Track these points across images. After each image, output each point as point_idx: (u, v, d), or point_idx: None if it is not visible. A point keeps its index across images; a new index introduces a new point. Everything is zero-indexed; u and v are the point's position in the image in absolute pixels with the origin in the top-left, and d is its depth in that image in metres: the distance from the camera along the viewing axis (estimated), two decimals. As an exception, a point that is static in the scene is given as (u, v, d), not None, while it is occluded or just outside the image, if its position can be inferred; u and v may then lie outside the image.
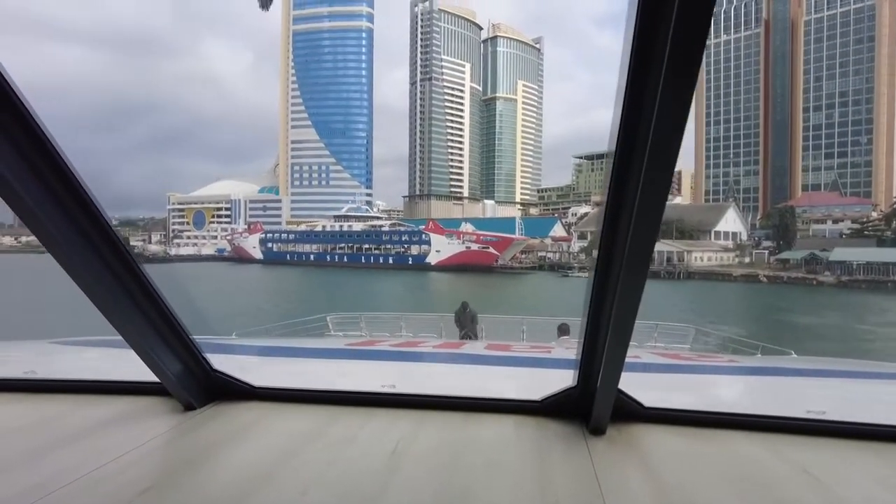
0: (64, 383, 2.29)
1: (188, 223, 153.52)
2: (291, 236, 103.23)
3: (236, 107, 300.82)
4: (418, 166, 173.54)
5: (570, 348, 5.04)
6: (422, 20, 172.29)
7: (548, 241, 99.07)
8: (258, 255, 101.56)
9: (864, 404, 2.64)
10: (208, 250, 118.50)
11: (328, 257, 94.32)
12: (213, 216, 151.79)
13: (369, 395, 2.11)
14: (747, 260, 77.17)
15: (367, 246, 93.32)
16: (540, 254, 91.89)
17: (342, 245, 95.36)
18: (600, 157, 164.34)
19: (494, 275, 73.05)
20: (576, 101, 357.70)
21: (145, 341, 1.74)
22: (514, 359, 4.23)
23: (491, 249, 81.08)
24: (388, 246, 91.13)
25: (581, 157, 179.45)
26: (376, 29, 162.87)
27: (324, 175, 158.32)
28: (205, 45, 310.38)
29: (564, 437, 1.78)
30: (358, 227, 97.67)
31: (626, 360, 1.57)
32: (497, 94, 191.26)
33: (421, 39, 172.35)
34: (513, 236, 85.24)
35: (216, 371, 2.06)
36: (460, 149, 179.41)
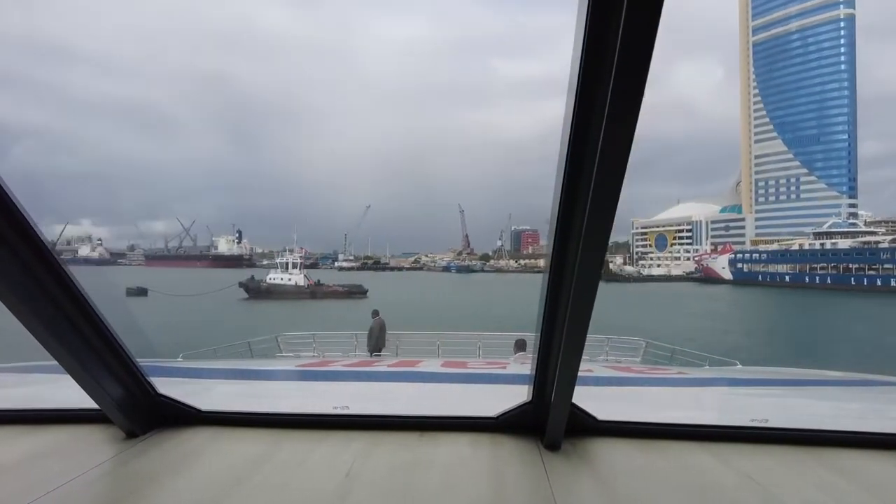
0: None
1: (650, 245, 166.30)
2: (763, 256, 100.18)
3: (698, 128, 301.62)
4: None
5: (525, 363, 5.14)
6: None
7: None
8: (727, 275, 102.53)
9: (804, 411, 2.82)
10: (675, 271, 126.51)
11: (806, 278, 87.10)
12: (674, 238, 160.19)
13: (321, 416, 2.07)
14: None
15: (857, 266, 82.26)
16: None
17: (823, 265, 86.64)
18: None
19: None
20: None
21: (82, 365, 1.61)
22: (470, 375, 4.27)
23: None
24: (889, 265, 78.10)
25: None
26: (859, 10, 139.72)
27: (793, 188, 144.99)
28: (675, 71, 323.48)
29: (520, 453, 1.77)
30: (845, 244, 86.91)
31: (579, 374, 1.58)
32: None
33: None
34: None
35: (160, 395, 1.97)
36: None
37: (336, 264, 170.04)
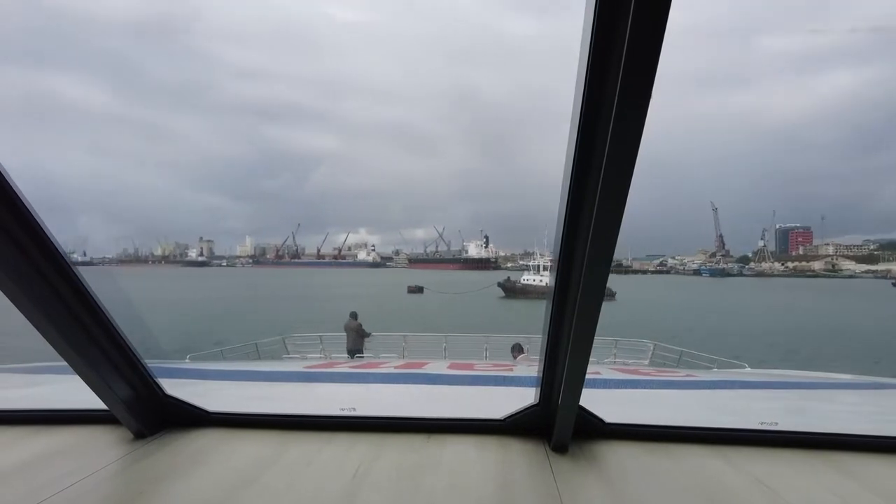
0: (4, 414, 2.14)
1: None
2: None
3: None
4: None
5: (532, 365, 4.92)
6: None
7: None
8: None
9: (814, 414, 2.78)
10: None
11: None
12: None
13: (328, 418, 2.07)
14: None
15: None
16: None
17: None
18: None
19: None
20: None
21: (92, 366, 1.64)
22: (477, 377, 4.22)
23: None
24: None
25: None
26: None
27: None
28: None
29: (527, 455, 1.77)
30: None
31: (587, 376, 1.57)
32: None
33: None
34: None
35: (168, 396, 2.00)
36: None
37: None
